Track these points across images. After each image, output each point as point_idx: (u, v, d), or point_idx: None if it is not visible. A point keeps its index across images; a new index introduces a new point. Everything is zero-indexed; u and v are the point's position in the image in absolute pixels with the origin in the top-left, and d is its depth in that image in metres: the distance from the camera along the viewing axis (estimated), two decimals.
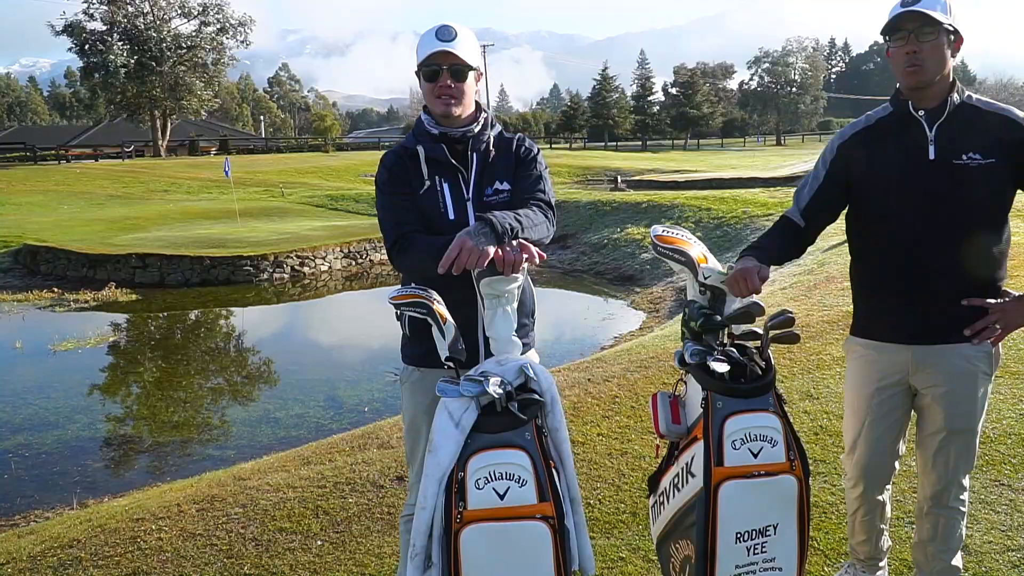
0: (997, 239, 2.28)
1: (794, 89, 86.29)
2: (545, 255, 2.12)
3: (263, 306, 14.99)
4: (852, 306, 2.55)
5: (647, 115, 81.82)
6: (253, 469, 4.25)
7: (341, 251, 17.60)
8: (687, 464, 2.18)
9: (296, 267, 16.55)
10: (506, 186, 2.37)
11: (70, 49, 47.53)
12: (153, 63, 47.36)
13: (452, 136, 2.34)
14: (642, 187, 32.66)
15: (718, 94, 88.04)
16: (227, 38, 50.78)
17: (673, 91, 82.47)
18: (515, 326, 2.13)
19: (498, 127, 2.46)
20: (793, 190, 2.60)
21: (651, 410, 2.32)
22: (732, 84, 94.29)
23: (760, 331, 2.27)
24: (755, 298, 2.20)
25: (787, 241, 2.47)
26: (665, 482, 2.33)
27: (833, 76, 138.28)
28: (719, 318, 2.25)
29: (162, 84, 48.40)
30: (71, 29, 46.55)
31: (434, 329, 2.10)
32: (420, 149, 2.34)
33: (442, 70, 2.28)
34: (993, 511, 3.35)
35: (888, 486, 2.57)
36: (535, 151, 2.46)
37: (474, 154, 2.37)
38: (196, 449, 7.43)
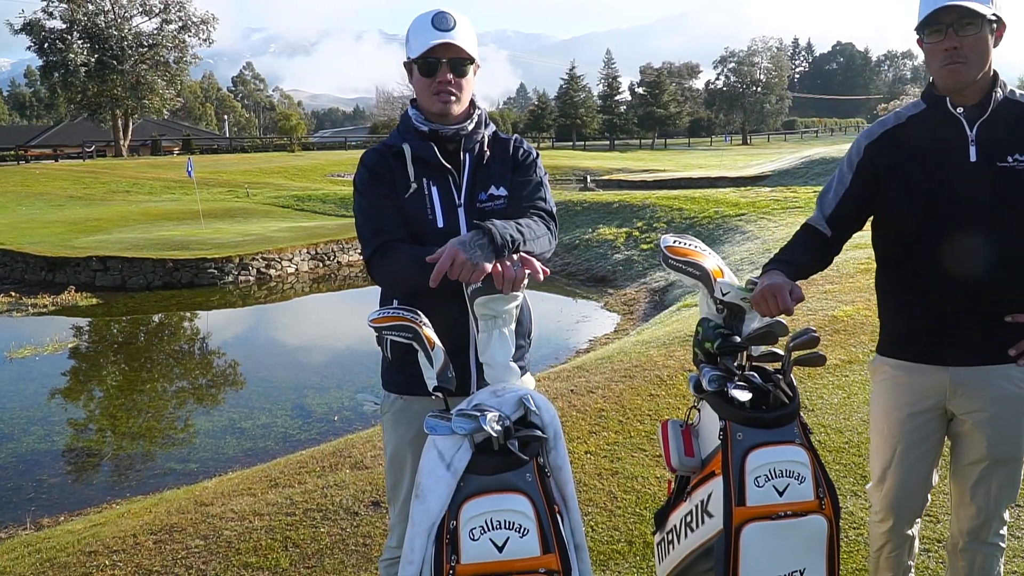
0: None
1: (759, 89, 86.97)
2: (548, 271, 1.88)
3: (228, 309, 14.60)
4: (878, 321, 2.32)
5: (614, 115, 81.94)
6: (216, 492, 3.95)
7: (308, 252, 17.21)
8: (703, 502, 1.96)
9: (262, 269, 16.15)
10: (502, 192, 2.13)
11: (29, 48, 46.35)
12: (114, 62, 46.32)
13: (443, 134, 2.09)
14: (612, 187, 32.60)
15: (684, 94, 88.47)
16: (189, 36, 49.88)
17: (640, 91, 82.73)
18: (512, 351, 1.89)
19: (492, 127, 2.21)
20: (764, 190, 2.36)
21: (660, 440, 2.09)
22: (698, 84, 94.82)
23: (781, 352, 2.05)
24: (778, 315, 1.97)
25: (813, 252, 2.22)
26: (675, 519, 2.10)
27: (797, 76, 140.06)
28: (738, 339, 2.02)
29: (123, 83, 47.35)
30: (30, 28, 45.43)
31: (420, 355, 1.85)
32: (406, 147, 2.08)
33: (441, 63, 2.04)
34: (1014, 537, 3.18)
35: (918, 519, 2.36)
36: (534, 155, 2.22)
37: (467, 155, 2.13)
38: (158, 463, 7.10)
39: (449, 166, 2.10)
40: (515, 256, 1.83)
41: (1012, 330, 2.07)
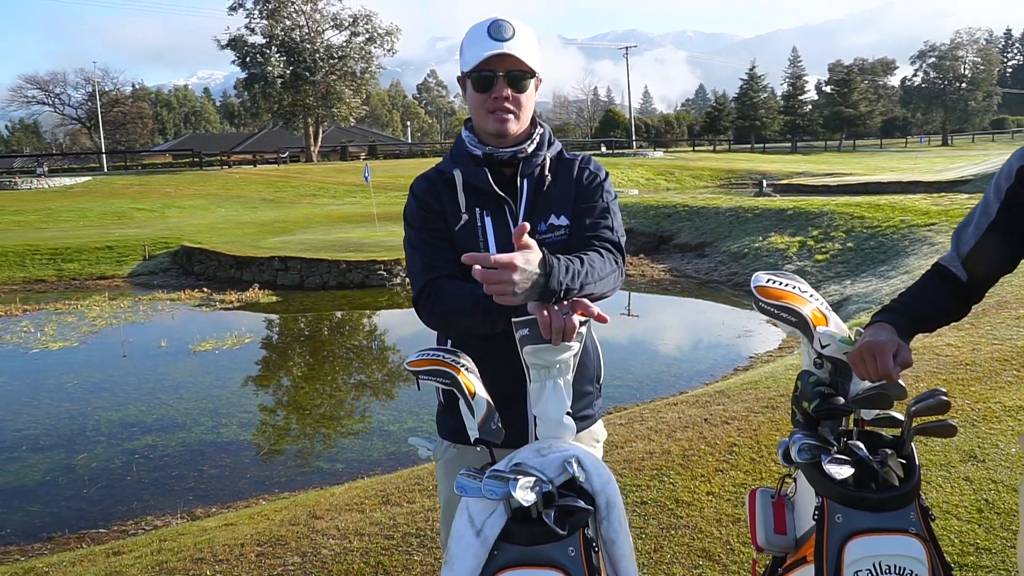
0: None
1: (964, 85, 79.74)
2: (608, 318, 1.63)
3: (393, 311, 15.09)
4: None
5: (798, 115, 77.95)
6: (331, 504, 3.98)
7: None
8: None
9: None
10: (563, 221, 1.89)
11: (233, 62, 50.70)
12: (307, 73, 49.75)
13: (498, 158, 1.88)
14: (790, 192, 30.99)
15: (877, 91, 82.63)
16: (375, 47, 52.60)
17: (827, 89, 78.20)
18: (568, 404, 1.66)
19: (557, 146, 1.97)
20: (960, 196, 1.87)
21: (747, 512, 1.79)
22: (893, 81, 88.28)
23: (900, 416, 1.69)
24: None
25: (941, 301, 1.81)
26: None
27: (1009, 70, 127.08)
28: (842, 400, 1.68)
29: (315, 93, 50.73)
30: (234, 43, 49.69)
31: (461, 403, 1.67)
32: (457, 174, 1.89)
33: (497, 77, 1.82)
34: None
35: None
36: (602, 176, 1.96)
37: (525, 180, 1.90)
38: (307, 461, 7.38)
39: (504, 194, 1.89)
40: (566, 303, 1.59)
41: None
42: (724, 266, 16.70)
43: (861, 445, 1.61)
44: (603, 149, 58.20)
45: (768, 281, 1.86)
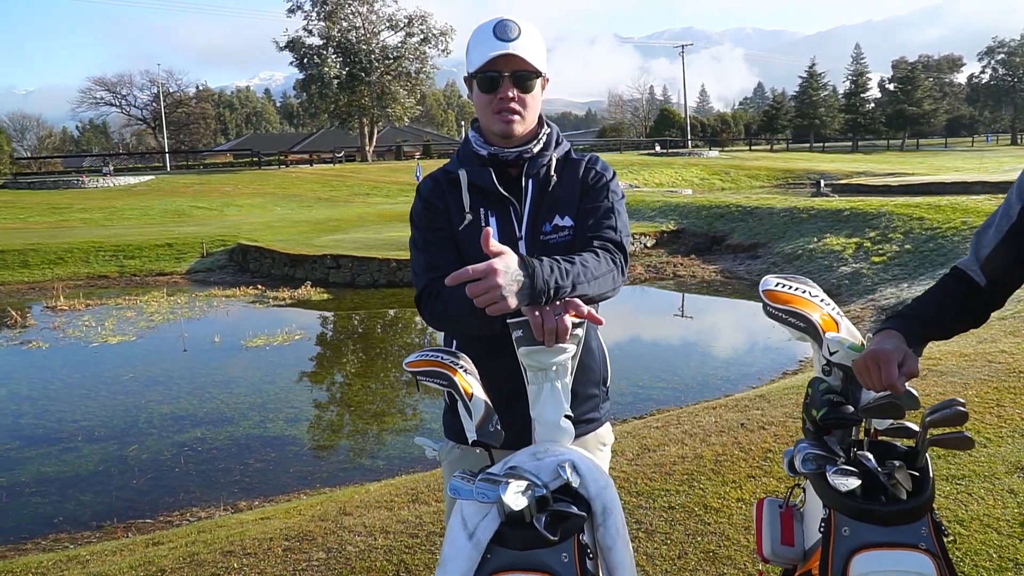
0: None
1: None
2: (602, 320, 1.60)
3: None
4: None
5: (859, 113, 76.11)
6: (361, 501, 4.02)
7: None
8: None
9: None
10: (568, 222, 1.87)
11: (291, 63, 51.65)
12: (362, 74, 50.43)
13: (503, 158, 1.88)
14: (848, 192, 30.29)
15: (942, 89, 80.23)
16: (430, 48, 53.03)
17: (890, 87, 76.18)
18: (566, 407, 1.64)
19: (565, 146, 1.95)
20: None
21: (755, 521, 1.74)
22: (960, 78, 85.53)
23: (915, 427, 1.62)
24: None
25: (956, 307, 1.71)
26: None
27: None
28: (851, 409, 1.62)
29: (370, 93, 51.40)
30: (292, 44, 50.63)
31: (459, 405, 1.66)
32: (462, 174, 1.89)
33: (503, 78, 1.81)
34: None
35: None
36: (608, 176, 1.93)
37: (530, 180, 1.89)
38: (350, 457, 7.47)
39: (508, 195, 1.88)
40: (558, 303, 1.56)
41: None
42: (777, 267, 16.38)
43: (870, 456, 1.55)
44: (657, 148, 57.62)
45: (777, 285, 1.81)
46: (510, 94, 1.82)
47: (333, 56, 50.59)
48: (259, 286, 16.78)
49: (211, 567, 3.28)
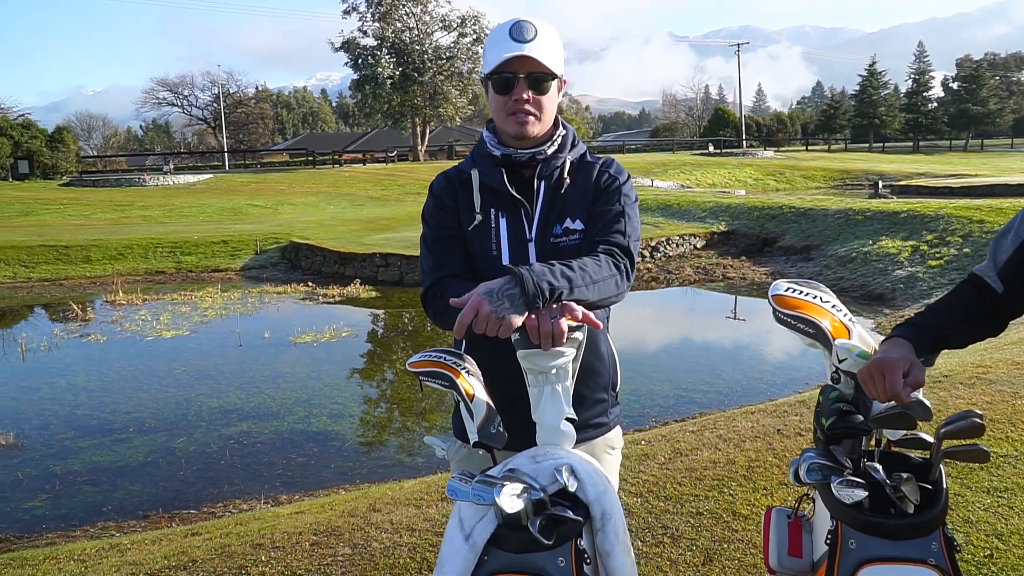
0: None
1: None
2: (600, 324, 1.58)
3: None
4: None
5: (921, 113, 73.98)
6: (391, 498, 4.06)
7: None
8: None
9: None
10: (578, 225, 1.86)
11: (345, 64, 52.34)
12: (415, 74, 50.84)
13: (517, 159, 1.87)
14: (908, 194, 29.44)
15: (1009, 88, 77.51)
16: (482, 48, 53.12)
17: (954, 86, 73.90)
18: (566, 411, 1.63)
19: (581, 148, 1.94)
20: None
21: (762, 532, 1.70)
22: None
23: (930, 438, 1.57)
24: (918, 393, 1.50)
25: (971, 314, 1.65)
26: None
27: None
28: (861, 419, 1.58)
29: (423, 93, 51.79)
30: (347, 45, 51.30)
31: (460, 406, 1.66)
32: (474, 173, 1.90)
33: (518, 79, 1.81)
34: None
35: None
36: (621, 180, 1.91)
37: (542, 182, 1.88)
38: (390, 454, 7.55)
39: (520, 196, 1.87)
40: (555, 306, 1.55)
41: None
42: (830, 270, 16.04)
43: (879, 467, 1.51)
44: (711, 148, 56.89)
45: (787, 290, 1.76)
46: (525, 96, 1.82)
47: (387, 56, 51.12)
48: (310, 283, 17.06)
49: (240, 559, 3.36)
